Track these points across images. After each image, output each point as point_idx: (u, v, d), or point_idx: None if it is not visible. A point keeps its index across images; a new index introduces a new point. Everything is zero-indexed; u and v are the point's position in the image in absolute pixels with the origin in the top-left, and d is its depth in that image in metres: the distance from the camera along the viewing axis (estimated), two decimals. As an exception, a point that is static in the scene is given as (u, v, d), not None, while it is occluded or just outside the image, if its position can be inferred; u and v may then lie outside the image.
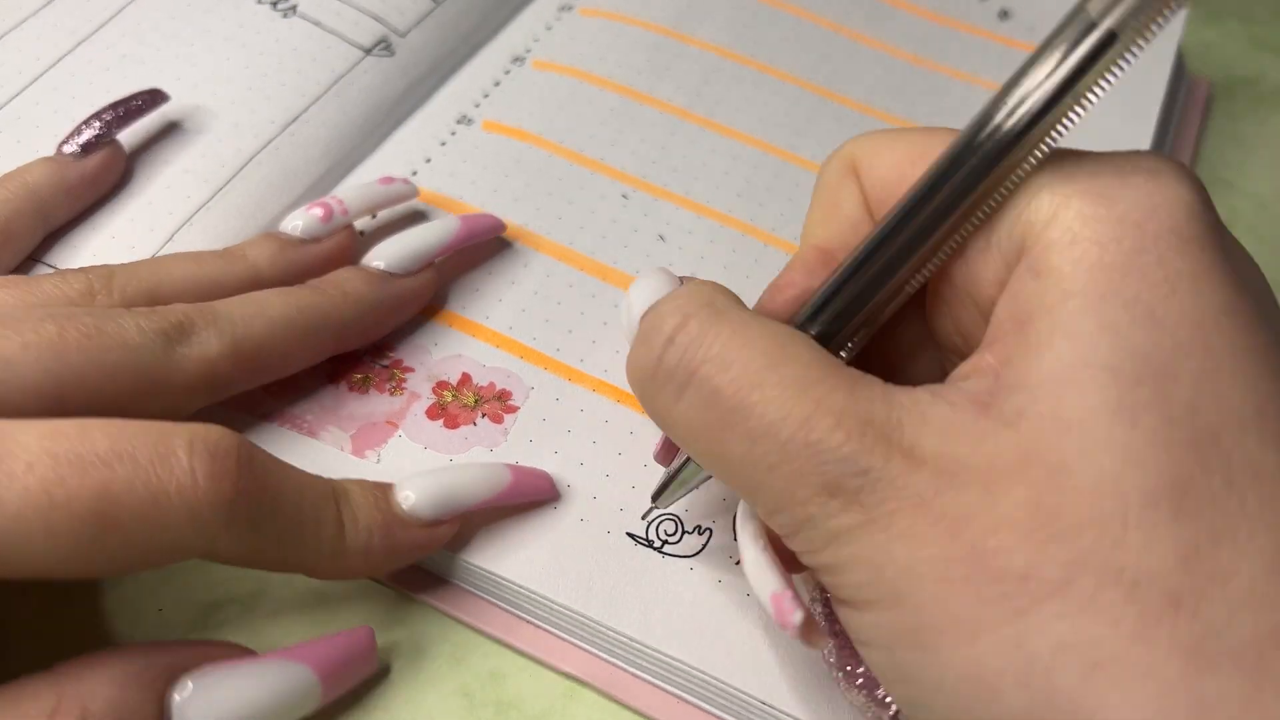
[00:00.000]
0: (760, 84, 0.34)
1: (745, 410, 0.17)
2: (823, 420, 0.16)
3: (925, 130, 0.20)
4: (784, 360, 0.17)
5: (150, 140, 0.29)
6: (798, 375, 0.17)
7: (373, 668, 0.22)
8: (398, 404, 0.25)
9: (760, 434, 0.17)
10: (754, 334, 0.17)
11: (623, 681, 0.22)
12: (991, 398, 0.16)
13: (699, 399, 0.17)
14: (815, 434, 0.16)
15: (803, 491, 0.16)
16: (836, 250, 0.21)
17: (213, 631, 0.23)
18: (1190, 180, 0.17)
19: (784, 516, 0.17)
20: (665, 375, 0.18)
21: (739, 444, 0.17)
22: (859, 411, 0.16)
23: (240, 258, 0.25)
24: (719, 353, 0.17)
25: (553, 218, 0.29)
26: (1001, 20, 0.37)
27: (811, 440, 0.16)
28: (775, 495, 0.17)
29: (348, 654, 0.21)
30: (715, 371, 0.17)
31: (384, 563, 0.22)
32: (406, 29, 0.33)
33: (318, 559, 0.20)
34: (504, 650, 0.23)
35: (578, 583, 0.22)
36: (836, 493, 0.16)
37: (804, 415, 0.16)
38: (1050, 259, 0.16)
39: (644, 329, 0.19)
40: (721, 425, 0.17)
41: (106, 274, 0.23)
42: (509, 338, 0.27)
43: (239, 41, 0.31)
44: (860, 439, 0.16)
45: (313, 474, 0.21)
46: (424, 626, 0.23)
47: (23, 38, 0.31)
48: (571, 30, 0.35)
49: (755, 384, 0.17)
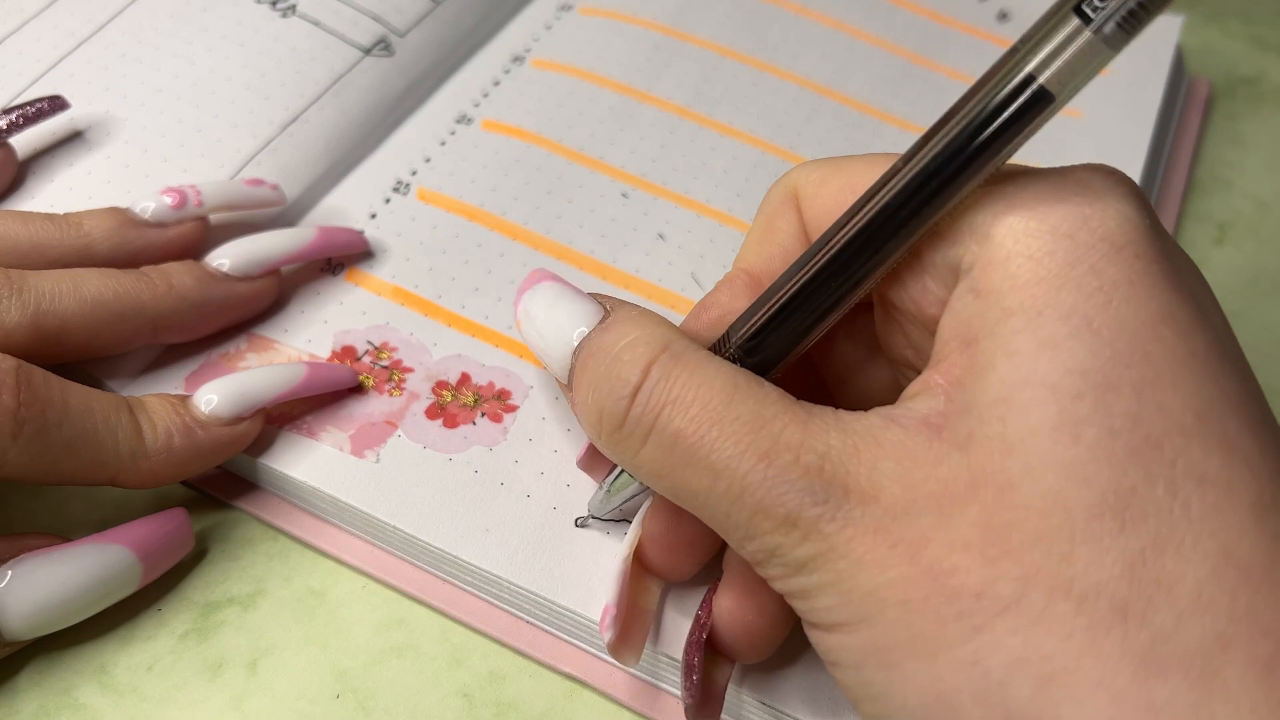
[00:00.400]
0: (760, 82, 0.34)
1: (706, 447, 0.17)
2: (781, 455, 0.17)
3: (869, 159, 0.20)
4: (740, 398, 0.17)
5: (149, 139, 0.29)
6: (754, 412, 0.17)
7: (189, 547, 0.23)
8: (397, 404, 0.25)
9: (721, 469, 0.17)
10: (709, 373, 0.18)
11: (622, 682, 0.22)
12: (943, 419, 0.16)
13: (662, 442, 0.18)
14: (774, 468, 0.17)
15: (766, 523, 0.17)
16: (764, 275, 0.21)
17: (212, 631, 0.23)
18: (1125, 188, 0.17)
19: (752, 545, 0.17)
20: (631, 427, 0.18)
21: (702, 480, 0.17)
22: (815, 445, 0.17)
23: (74, 226, 0.25)
24: (678, 394, 0.18)
25: (552, 216, 0.29)
26: (1000, 21, 0.37)
27: (771, 474, 0.17)
28: (741, 527, 0.17)
29: (164, 533, 0.22)
30: (676, 413, 0.18)
31: (189, 463, 0.23)
32: (406, 29, 0.33)
33: (118, 462, 0.22)
34: (504, 651, 0.23)
35: (578, 584, 0.22)
36: (798, 523, 0.16)
37: (762, 449, 0.17)
38: (988, 277, 0.16)
39: (600, 376, 0.19)
40: (684, 464, 0.17)
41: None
42: (509, 337, 0.27)
43: (237, 41, 0.31)
44: (819, 471, 0.16)
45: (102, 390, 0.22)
46: (426, 625, 0.23)
47: (24, 40, 0.31)
48: (571, 29, 0.35)
49: (714, 420, 0.17)
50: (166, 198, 0.26)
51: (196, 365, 0.25)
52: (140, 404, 0.23)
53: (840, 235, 0.18)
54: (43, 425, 0.20)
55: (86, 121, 0.29)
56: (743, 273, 0.21)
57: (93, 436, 0.21)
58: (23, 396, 0.20)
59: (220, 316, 0.26)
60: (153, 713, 0.22)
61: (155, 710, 0.22)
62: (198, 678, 0.22)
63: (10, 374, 0.20)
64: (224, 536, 0.24)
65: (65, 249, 0.24)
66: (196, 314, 0.25)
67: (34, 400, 0.20)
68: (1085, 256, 0.16)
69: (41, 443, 0.20)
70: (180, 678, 0.22)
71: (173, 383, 0.25)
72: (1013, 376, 0.16)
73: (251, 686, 0.22)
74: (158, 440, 0.22)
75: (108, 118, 0.29)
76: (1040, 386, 0.15)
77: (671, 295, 0.28)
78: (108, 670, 0.22)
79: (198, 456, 0.23)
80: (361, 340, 0.26)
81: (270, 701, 0.22)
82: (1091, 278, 0.16)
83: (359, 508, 0.23)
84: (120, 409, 0.22)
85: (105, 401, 0.22)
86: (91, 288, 0.23)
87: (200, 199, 0.26)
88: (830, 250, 0.18)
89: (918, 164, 0.17)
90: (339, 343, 0.26)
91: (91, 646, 0.22)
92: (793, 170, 0.21)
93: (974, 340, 0.16)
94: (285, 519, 0.24)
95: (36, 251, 0.24)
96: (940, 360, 0.17)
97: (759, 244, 0.21)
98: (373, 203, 0.29)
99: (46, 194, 0.28)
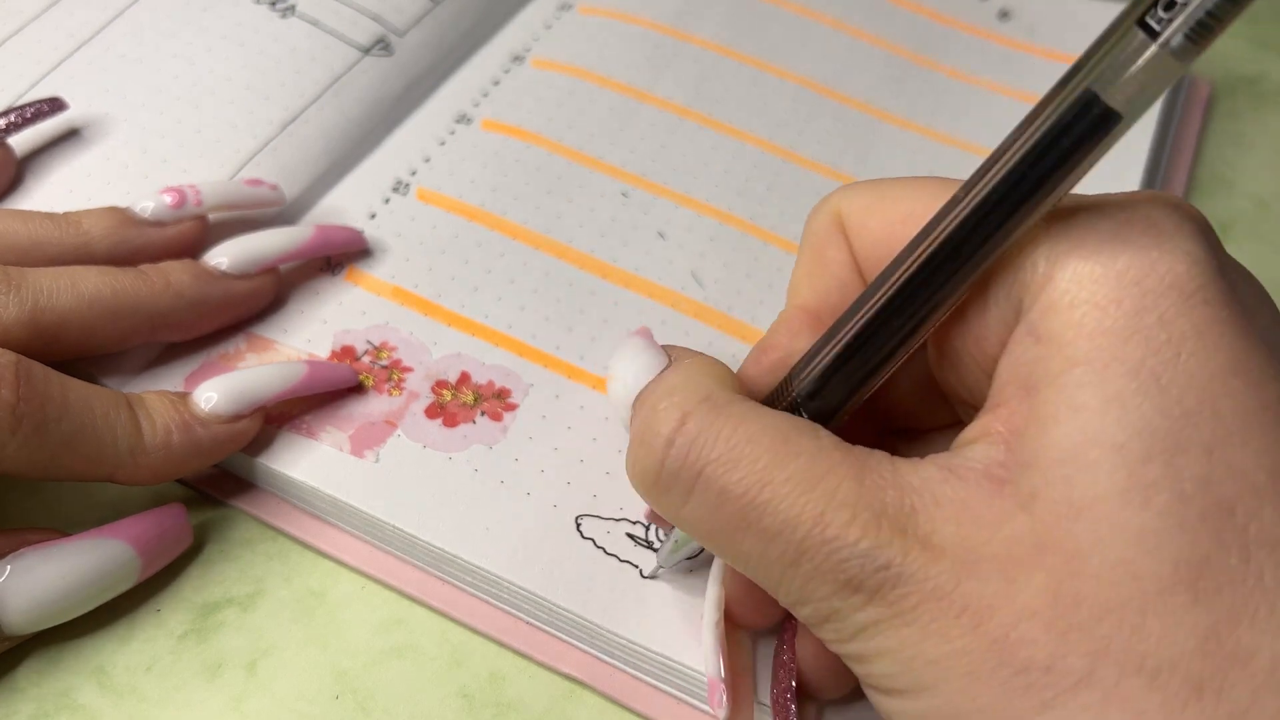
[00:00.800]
0: (760, 82, 0.34)
1: (757, 510, 0.17)
2: (837, 515, 0.16)
3: (914, 184, 0.19)
4: (790, 455, 0.17)
5: (149, 140, 0.29)
6: (805, 469, 0.16)
7: (187, 543, 0.23)
8: (397, 403, 0.25)
9: (774, 533, 0.16)
10: (755, 429, 0.17)
11: (623, 682, 0.22)
12: (1005, 472, 0.16)
13: (707, 500, 0.17)
14: (830, 530, 0.16)
15: (824, 588, 0.16)
16: (822, 310, 0.20)
17: (212, 632, 0.23)
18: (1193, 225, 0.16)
19: (807, 609, 0.17)
20: (669, 478, 0.18)
21: (754, 543, 0.17)
22: (871, 502, 0.16)
23: (74, 224, 0.25)
24: (722, 453, 0.17)
25: (552, 216, 0.29)
26: (1001, 20, 0.37)
27: (828, 538, 0.16)
28: (797, 591, 0.17)
29: (162, 528, 0.22)
30: (721, 472, 0.17)
31: (188, 460, 0.23)
32: (405, 28, 0.33)
33: (117, 458, 0.21)
34: (504, 651, 0.23)
35: (577, 582, 0.22)
36: (858, 588, 0.16)
37: (817, 512, 0.16)
38: (1050, 323, 0.16)
39: (639, 428, 0.18)
40: (734, 526, 0.17)
41: None
42: (508, 336, 0.27)
43: (237, 41, 0.31)
44: (876, 532, 0.16)
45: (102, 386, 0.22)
46: (424, 625, 0.23)
47: (24, 41, 0.31)
48: (571, 29, 0.35)
49: (764, 482, 0.17)
50: (166, 197, 0.26)
51: (196, 365, 0.25)
52: (140, 400, 0.22)
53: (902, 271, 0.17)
54: (42, 420, 0.20)
55: (86, 122, 0.29)
56: (799, 310, 0.21)
57: (92, 432, 0.21)
58: (22, 391, 0.20)
59: (219, 315, 0.25)
60: (152, 713, 0.21)
61: (154, 711, 0.21)
62: (197, 678, 0.22)
63: (10, 369, 0.20)
64: (223, 537, 0.24)
65: (64, 247, 0.24)
66: (194, 312, 0.25)
67: (33, 395, 0.20)
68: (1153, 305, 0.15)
69: (41, 438, 0.20)
70: (179, 678, 0.22)
71: (172, 383, 0.25)
72: (1078, 435, 0.15)
73: (251, 687, 0.22)
74: (157, 436, 0.22)
75: (107, 118, 0.29)
76: (1108, 447, 0.15)
77: (672, 294, 0.28)
78: (106, 671, 0.22)
79: (197, 454, 0.23)
80: (361, 340, 0.26)
81: (269, 702, 0.22)
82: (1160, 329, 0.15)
83: (358, 507, 0.23)
84: (119, 405, 0.22)
85: (104, 397, 0.22)
86: (89, 285, 0.23)
87: (200, 198, 0.26)
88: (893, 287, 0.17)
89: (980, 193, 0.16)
90: (338, 342, 0.26)
91: (90, 647, 0.22)
92: (834, 196, 0.21)
93: (1035, 388, 0.16)
94: (285, 519, 0.24)
95: (36, 249, 0.24)
96: (998, 404, 0.17)
97: (811, 277, 0.21)
98: (372, 202, 0.29)
99: (46, 194, 0.28)
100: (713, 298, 0.28)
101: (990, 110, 0.34)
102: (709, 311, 0.27)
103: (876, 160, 0.32)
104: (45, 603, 0.21)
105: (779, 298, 0.28)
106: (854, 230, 0.20)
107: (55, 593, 0.21)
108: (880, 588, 0.16)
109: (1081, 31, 0.36)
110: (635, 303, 0.27)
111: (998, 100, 0.34)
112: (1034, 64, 0.35)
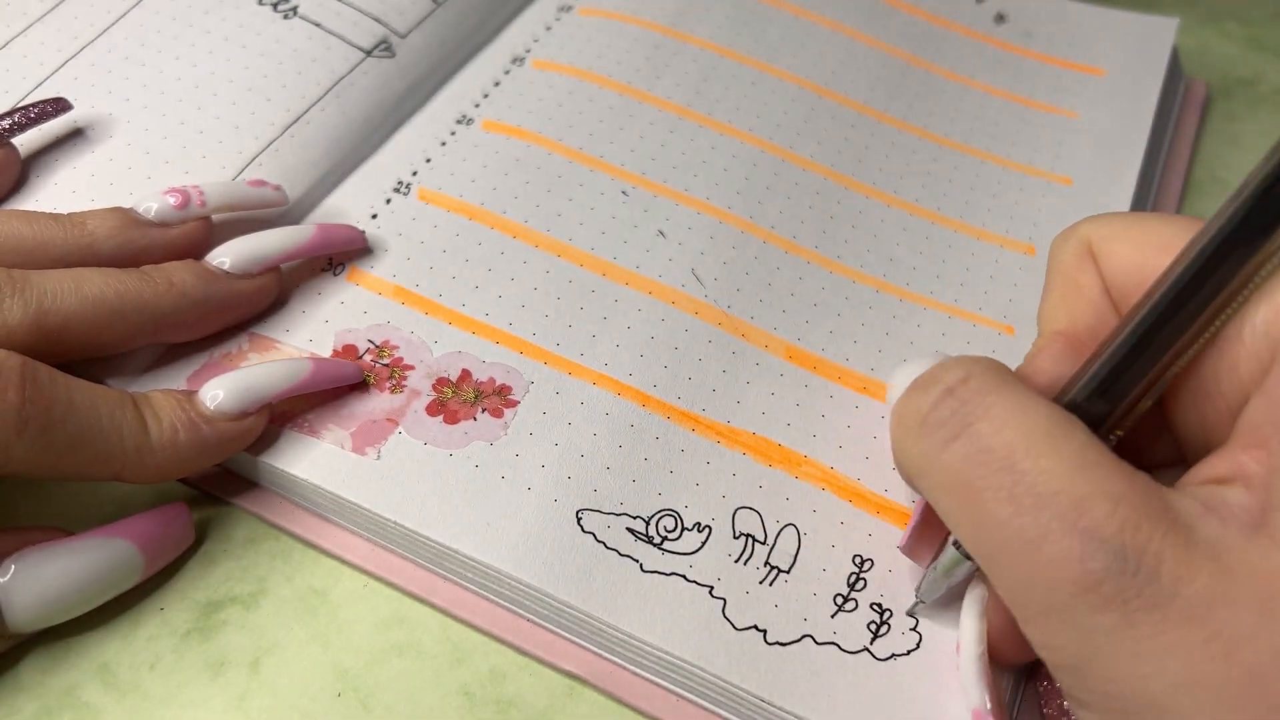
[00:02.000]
0: (759, 82, 0.34)
1: (1016, 474, 0.16)
2: (1098, 505, 0.15)
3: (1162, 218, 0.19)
4: (1063, 437, 0.16)
5: (152, 141, 0.29)
6: (1075, 454, 0.16)
7: (189, 541, 0.23)
8: (398, 401, 0.25)
9: (1027, 505, 0.16)
10: (1032, 406, 0.17)
11: (623, 679, 0.22)
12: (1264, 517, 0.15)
13: (967, 451, 0.17)
14: (1088, 519, 0.15)
15: (1060, 576, 0.15)
16: (1083, 335, 0.20)
17: (215, 630, 0.23)
18: None
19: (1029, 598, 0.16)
20: (937, 422, 0.17)
21: (1001, 509, 0.16)
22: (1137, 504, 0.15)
23: (78, 225, 0.25)
24: (998, 415, 0.17)
25: (552, 215, 0.29)
26: (997, 24, 0.37)
27: (1083, 525, 0.15)
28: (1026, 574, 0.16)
29: (165, 527, 0.23)
30: (992, 430, 0.17)
31: (194, 458, 0.23)
32: (407, 30, 0.33)
33: (123, 457, 0.22)
34: (504, 649, 0.23)
35: (578, 576, 0.22)
36: (1098, 587, 0.15)
37: (1078, 496, 0.15)
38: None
39: (922, 378, 0.18)
40: (986, 484, 0.16)
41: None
42: (509, 333, 0.27)
43: (239, 43, 0.31)
44: (1135, 533, 0.15)
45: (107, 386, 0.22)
46: (424, 625, 0.23)
47: (28, 43, 0.31)
48: (571, 30, 0.35)
49: (1030, 452, 0.16)
50: (170, 198, 0.26)
51: (198, 365, 0.25)
52: (145, 399, 0.23)
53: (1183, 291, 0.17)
54: (48, 421, 0.20)
55: (90, 123, 0.29)
56: (1059, 336, 0.20)
57: (97, 432, 0.21)
58: (28, 393, 0.20)
59: (222, 315, 0.26)
60: (155, 711, 0.22)
61: (157, 709, 0.22)
62: (200, 676, 0.22)
63: (15, 371, 0.20)
64: (226, 536, 0.24)
65: (69, 248, 0.24)
66: (198, 312, 0.25)
67: (39, 396, 0.20)
68: None
69: (47, 439, 0.20)
70: (183, 676, 0.22)
71: (175, 383, 0.25)
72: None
73: (253, 685, 0.22)
74: (163, 435, 0.22)
75: (111, 120, 0.29)
76: None
77: (671, 291, 0.28)
78: (110, 669, 0.22)
79: (203, 452, 0.23)
80: (363, 339, 0.26)
81: (272, 700, 0.22)
82: None
83: (360, 504, 0.23)
84: (125, 404, 0.22)
85: (110, 397, 0.22)
86: (93, 286, 0.23)
87: (203, 199, 0.26)
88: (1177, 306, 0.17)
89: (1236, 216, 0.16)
90: (340, 342, 0.26)
91: (94, 645, 0.22)
92: (1081, 225, 0.20)
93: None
94: (287, 518, 0.24)
95: (40, 250, 0.24)
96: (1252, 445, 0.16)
97: (1066, 303, 0.21)
98: (374, 203, 0.30)
99: (50, 195, 0.28)
100: (712, 296, 0.28)
101: (986, 112, 0.34)
102: (708, 309, 0.28)
103: (873, 161, 0.32)
104: (49, 601, 0.21)
105: (777, 296, 0.28)
106: (1103, 256, 0.20)
107: (59, 591, 0.21)
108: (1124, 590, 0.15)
109: (1077, 35, 0.36)
110: (635, 300, 0.28)
111: (993, 102, 0.34)
112: (1029, 67, 0.35)
